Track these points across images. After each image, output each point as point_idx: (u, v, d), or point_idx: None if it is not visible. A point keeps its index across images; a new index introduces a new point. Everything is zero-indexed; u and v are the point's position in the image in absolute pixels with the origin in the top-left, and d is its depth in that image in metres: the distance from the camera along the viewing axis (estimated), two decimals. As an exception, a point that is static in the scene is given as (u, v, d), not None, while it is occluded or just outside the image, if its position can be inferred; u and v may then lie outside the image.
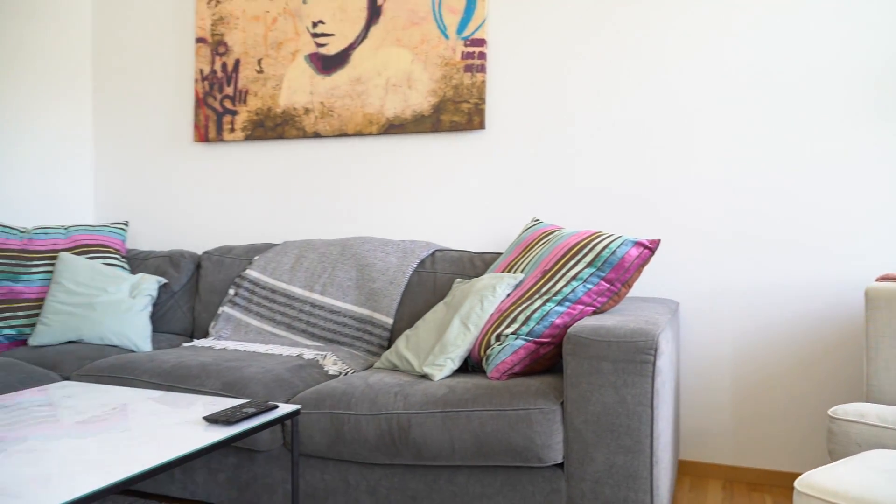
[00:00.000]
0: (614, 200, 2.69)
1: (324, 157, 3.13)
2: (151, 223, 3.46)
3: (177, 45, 3.40)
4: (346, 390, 2.05)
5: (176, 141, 3.41)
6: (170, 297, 3.02)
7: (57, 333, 2.67)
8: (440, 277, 2.66)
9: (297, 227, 3.19)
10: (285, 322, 2.77)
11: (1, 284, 2.74)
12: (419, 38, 2.94)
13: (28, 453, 1.40)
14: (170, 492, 2.24)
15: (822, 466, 1.61)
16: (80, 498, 1.17)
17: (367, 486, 2.02)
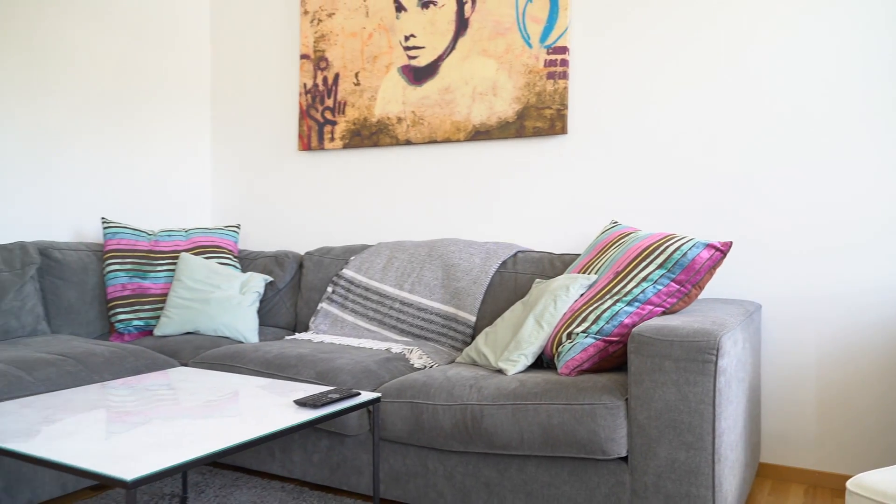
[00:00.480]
0: (695, 203, 2.71)
1: (415, 163, 3.32)
2: (260, 226, 3.78)
3: (283, 62, 3.69)
4: (426, 382, 2.21)
5: (282, 150, 3.70)
6: (275, 294, 3.30)
7: (177, 325, 2.99)
8: (521, 277, 2.77)
9: (390, 229, 3.39)
10: (377, 318, 2.97)
11: (132, 281, 3.10)
12: (504, 48, 3.06)
13: (148, 426, 1.64)
14: (271, 469, 2.48)
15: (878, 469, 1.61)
16: (184, 463, 1.39)
17: (445, 471, 2.17)
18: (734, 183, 2.64)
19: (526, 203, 3.05)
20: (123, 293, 3.06)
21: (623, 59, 2.84)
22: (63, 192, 3.25)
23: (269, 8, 3.72)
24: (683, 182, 2.73)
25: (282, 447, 2.45)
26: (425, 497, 2.20)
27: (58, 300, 2.95)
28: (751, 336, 2.24)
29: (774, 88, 2.57)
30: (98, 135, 3.39)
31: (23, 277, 2.79)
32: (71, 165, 3.27)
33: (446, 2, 3.19)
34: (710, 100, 2.68)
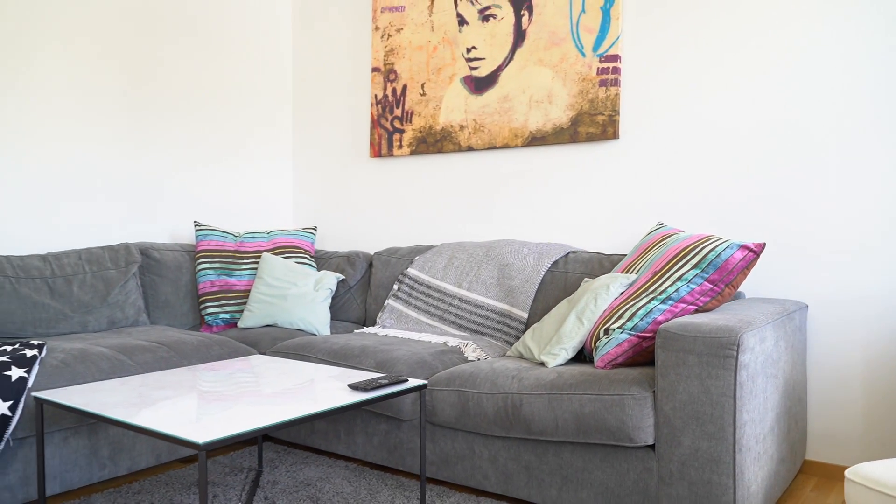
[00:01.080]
0: (741, 204, 2.77)
1: (475, 168, 3.51)
2: (335, 228, 4.07)
3: (356, 75, 3.96)
4: (472, 372, 2.40)
5: (355, 157, 3.97)
6: (347, 291, 3.56)
7: (258, 318, 3.30)
8: (570, 276, 2.91)
9: (452, 230, 3.60)
10: (437, 314, 3.18)
11: (219, 278, 3.44)
12: (559, 57, 3.20)
13: (224, 402, 1.91)
14: (337, 450, 2.74)
15: (877, 461, 1.68)
16: (246, 431, 1.63)
17: (489, 454, 2.35)
18: (781, 184, 2.69)
19: (578, 205, 3.19)
20: (212, 289, 3.40)
21: (671, 66, 2.93)
22: (161, 199, 3.63)
23: (344, 25, 4.00)
24: (730, 183, 2.80)
25: (346, 430, 2.70)
26: (472, 478, 2.39)
27: (156, 294, 3.32)
28: (789, 335, 2.31)
29: (823, 90, 2.60)
30: (190, 147, 3.76)
31: (126, 274, 3.17)
32: (167, 175, 3.66)
33: (505, 15, 3.37)
34: (756, 103, 2.73)
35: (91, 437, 2.40)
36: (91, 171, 3.35)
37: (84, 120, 3.32)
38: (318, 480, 2.52)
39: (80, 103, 3.30)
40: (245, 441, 2.98)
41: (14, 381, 2.16)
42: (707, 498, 1.93)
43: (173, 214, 3.69)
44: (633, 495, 2.08)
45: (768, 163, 2.72)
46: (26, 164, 3.12)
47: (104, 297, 3.05)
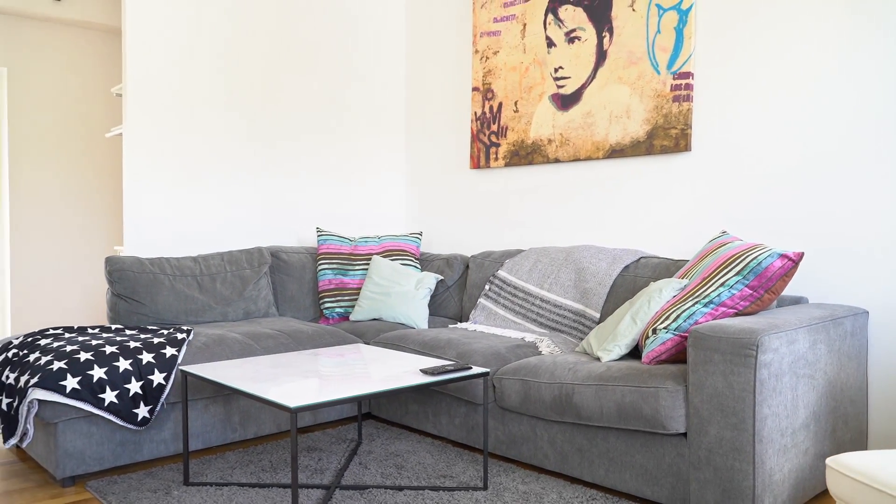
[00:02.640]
0: (804, 214, 2.89)
1: (561, 178, 3.80)
2: (438, 232, 4.50)
3: (458, 94, 4.36)
4: (536, 364, 2.72)
5: (457, 168, 4.38)
6: (445, 290, 3.98)
7: (366, 313, 3.79)
8: (639, 280, 3.15)
9: (540, 236, 3.91)
10: (522, 312, 3.52)
11: (336, 277, 3.97)
12: (636, 75, 3.43)
13: (322, 378, 2.37)
14: (425, 428, 3.15)
15: (858, 451, 1.84)
16: (327, 401, 2.08)
17: (548, 437, 2.67)
18: (843, 194, 2.78)
19: (652, 213, 3.40)
20: (330, 287, 3.94)
21: (739, 81, 3.08)
22: (288, 208, 4.23)
23: (449, 49, 4.42)
24: (793, 192, 2.92)
25: (433, 411, 3.11)
26: (534, 457, 2.72)
27: (283, 290, 3.90)
28: (832, 339, 2.44)
29: (882, 97, 2.68)
30: (315, 162, 4.33)
31: (259, 274, 3.76)
32: (295, 188, 4.25)
33: (588, 37, 3.63)
34: (820, 115, 2.84)
35: (226, 405, 2.97)
36: (231, 187, 4.00)
37: (226, 147, 3.97)
38: (405, 452, 2.95)
39: (224, 132, 3.95)
40: (350, 417, 3.48)
41: (167, 357, 2.76)
42: (730, 482, 2.15)
43: (299, 222, 4.28)
44: (667, 477, 2.33)
45: (831, 172, 2.82)
46: (184, 191, 3.80)
47: (241, 293, 3.66)
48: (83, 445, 2.61)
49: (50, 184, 5.11)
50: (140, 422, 2.65)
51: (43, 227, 5.09)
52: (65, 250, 5.19)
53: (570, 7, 3.71)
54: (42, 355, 2.64)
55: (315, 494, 2.49)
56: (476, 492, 2.52)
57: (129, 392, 2.63)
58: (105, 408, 2.57)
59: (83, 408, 2.54)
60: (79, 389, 2.52)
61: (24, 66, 4.98)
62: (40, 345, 2.77)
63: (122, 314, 3.34)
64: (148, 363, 2.70)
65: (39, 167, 5.06)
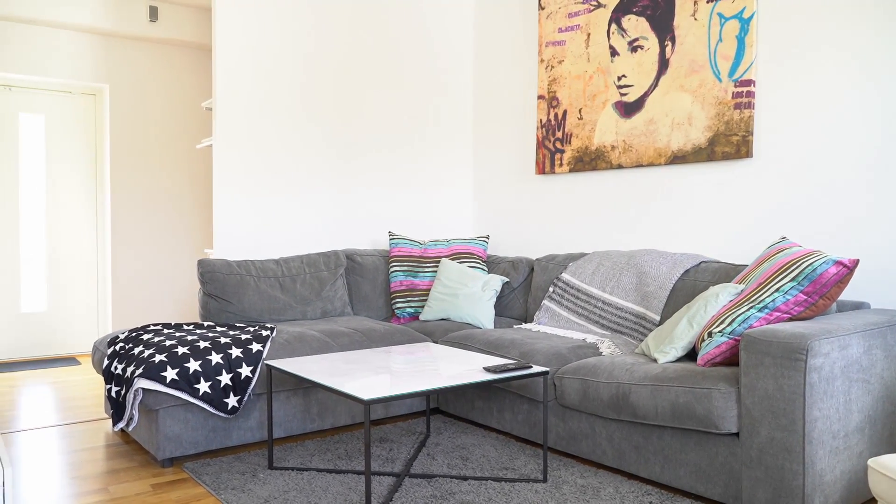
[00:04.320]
0: (865, 220, 2.90)
1: (624, 184, 3.90)
2: (505, 236, 4.65)
3: (524, 102, 4.51)
4: (595, 364, 2.85)
5: (523, 174, 4.53)
6: (511, 292, 4.14)
7: (435, 313, 3.99)
8: (699, 284, 3.23)
9: (603, 240, 4.02)
10: (584, 314, 3.64)
11: (407, 279, 4.18)
12: (698, 83, 3.50)
13: (392, 374, 2.58)
14: (490, 423, 3.32)
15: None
16: (394, 395, 2.27)
17: (607, 434, 2.79)
18: (907, 201, 2.79)
19: (713, 218, 3.46)
20: (401, 288, 4.16)
21: (802, 90, 3.12)
22: (363, 213, 4.47)
23: (515, 59, 4.57)
24: (855, 199, 2.94)
25: (498, 407, 3.28)
26: (593, 453, 2.85)
27: (358, 291, 4.14)
28: (889, 344, 2.47)
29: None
30: (388, 169, 4.56)
31: (336, 275, 4.02)
32: (369, 194, 4.49)
33: (651, 45, 3.72)
34: (883, 121, 2.85)
35: (305, 397, 3.22)
36: (310, 193, 4.27)
37: (306, 156, 4.24)
38: (471, 446, 3.12)
39: (304, 143, 4.23)
40: (420, 411, 3.68)
41: (254, 352, 3.02)
42: (780, 481, 2.23)
43: (372, 226, 4.52)
44: (720, 475, 2.42)
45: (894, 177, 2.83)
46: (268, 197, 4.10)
47: (319, 293, 3.92)
48: (180, 430, 2.91)
49: (146, 192, 5.54)
50: (230, 410, 2.93)
51: (140, 231, 5.52)
52: (159, 253, 5.61)
53: (633, 17, 3.81)
54: (145, 349, 2.94)
55: (386, 481, 2.69)
56: (536, 484, 2.67)
57: (220, 383, 2.90)
58: (200, 397, 2.86)
59: (181, 396, 2.83)
60: (177, 380, 2.81)
61: (124, 83, 5.41)
62: (143, 339, 3.08)
63: (213, 312, 3.65)
64: (237, 357, 2.97)
65: (137, 176, 5.49)
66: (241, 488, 2.63)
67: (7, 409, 3.82)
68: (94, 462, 2.97)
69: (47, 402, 3.99)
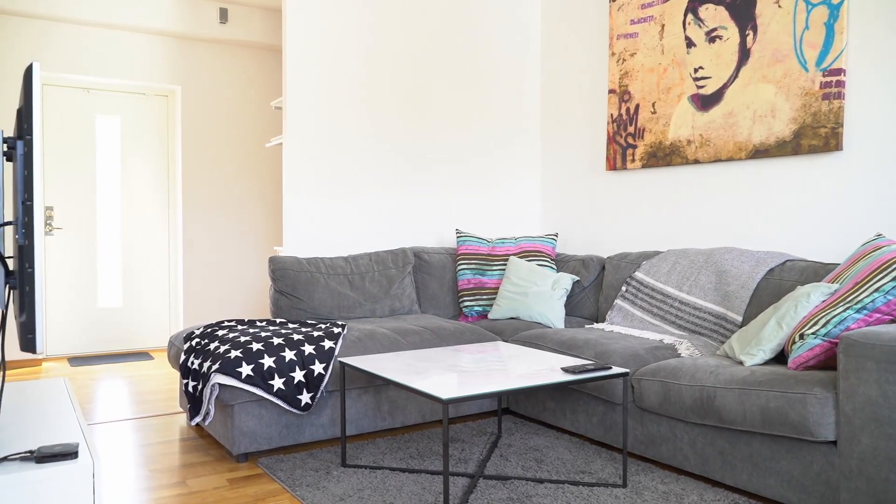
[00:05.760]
0: (975, 215, 2.71)
1: (701, 180, 3.76)
2: (574, 234, 4.56)
3: (594, 97, 4.41)
4: (676, 366, 2.75)
5: (593, 170, 4.43)
6: (581, 291, 4.04)
7: (504, 312, 3.93)
8: (784, 284, 3.08)
9: (678, 238, 3.89)
10: (659, 314, 3.52)
11: (475, 277, 4.14)
12: (782, 73, 3.34)
13: (467, 373, 2.53)
14: (563, 425, 3.24)
15: None
16: (473, 395, 2.22)
17: (689, 439, 2.69)
18: None
19: (799, 215, 3.30)
20: (468, 286, 4.11)
21: (900, 77, 2.94)
22: (430, 211, 4.44)
23: (584, 53, 4.47)
24: (963, 195, 2.75)
25: (571, 409, 3.20)
26: (674, 458, 2.75)
27: (426, 289, 4.12)
28: None
29: None
30: (454, 166, 4.52)
31: (404, 273, 4.00)
32: (435, 191, 4.46)
33: (730, 35, 3.58)
34: None
35: (376, 395, 3.21)
36: (377, 190, 4.27)
37: (373, 154, 4.24)
38: (544, 447, 3.05)
39: (372, 140, 4.23)
40: (490, 411, 3.63)
41: (326, 349, 3.02)
42: (885, 493, 2.09)
43: (440, 224, 4.49)
44: (816, 486, 2.29)
45: None
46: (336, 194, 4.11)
47: (387, 291, 3.91)
48: (255, 426, 2.93)
49: (216, 190, 5.64)
50: (303, 407, 2.93)
51: (210, 229, 5.63)
52: (229, 251, 5.71)
53: (710, 6, 3.67)
54: (220, 344, 2.98)
55: (460, 482, 2.65)
56: (615, 489, 2.59)
57: (293, 380, 2.91)
58: (274, 393, 2.87)
59: (256, 392, 2.85)
60: (252, 376, 2.83)
61: (195, 85, 5.52)
62: (218, 335, 3.12)
63: (284, 309, 3.67)
64: (309, 354, 2.98)
65: (207, 175, 5.60)
66: (316, 485, 2.62)
67: (86, 402, 3.93)
68: (170, 455, 3.02)
69: (123, 395, 4.09)
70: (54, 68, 5.04)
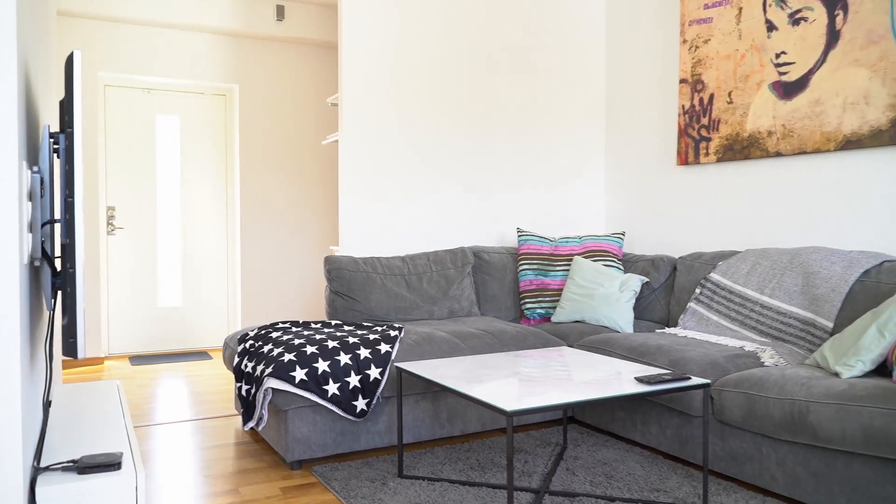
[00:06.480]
0: None
1: (783, 174, 3.48)
2: (642, 232, 4.32)
3: (663, 87, 4.16)
4: (762, 377, 2.51)
5: (662, 165, 4.18)
6: (650, 293, 3.81)
7: (568, 314, 3.73)
8: (883, 287, 2.79)
9: (757, 237, 3.62)
10: (738, 319, 3.27)
11: (537, 278, 3.95)
12: (877, 56, 3.05)
13: (533, 382, 2.36)
14: (633, 437, 3.03)
15: None
16: (541, 406, 2.05)
17: (777, 457, 2.44)
18: None
19: (899, 212, 3.01)
20: (530, 287, 3.92)
21: None
22: (490, 210, 4.28)
23: (653, 41, 4.23)
24: None
25: (642, 420, 2.98)
26: (759, 478, 2.51)
27: (485, 290, 3.95)
28: None
29: None
30: (515, 163, 4.34)
31: (463, 273, 3.84)
32: (495, 188, 4.29)
33: (817, 17, 3.29)
34: None
35: (434, 402, 3.06)
36: (435, 188, 4.12)
37: (431, 151, 4.10)
38: (613, 461, 2.85)
39: (429, 138, 4.08)
40: (554, 420, 3.44)
41: (382, 353, 2.89)
42: None
43: (500, 222, 4.31)
44: (929, 515, 2.03)
45: None
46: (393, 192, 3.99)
47: (445, 292, 3.76)
48: (309, 432, 2.81)
49: (273, 189, 5.60)
50: (358, 413, 2.80)
51: (267, 228, 5.59)
52: (286, 250, 5.66)
53: (795, -15, 3.39)
54: (274, 347, 2.88)
55: (525, 497, 2.48)
56: (694, 510, 2.37)
57: (349, 385, 2.79)
58: (329, 399, 2.75)
59: (310, 398, 2.73)
60: (306, 380, 2.71)
61: (252, 83, 5.49)
62: (272, 337, 3.02)
63: (339, 310, 3.56)
64: (365, 358, 2.85)
65: (264, 174, 5.56)
66: (372, 497, 2.49)
67: (146, 402, 3.91)
68: (224, 461, 2.94)
69: (181, 395, 4.06)
70: (116, 69, 5.07)
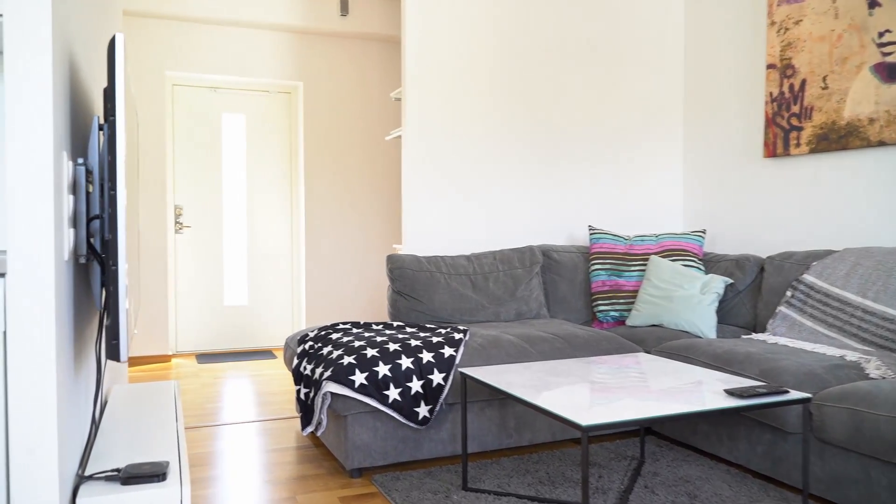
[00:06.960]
0: None
1: (887, 164, 3.15)
2: (725, 230, 4.02)
3: (749, 73, 3.86)
4: (870, 391, 2.23)
5: (747, 157, 3.88)
6: (735, 295, 3.53)
7: (645, 318, 3.49)
8: None
9: (857, 235, 3.29)
10: (836, 325, 2.97)
11: (610, 279, 3.72)
12: None
13: (609, 393, 2.15)
14: (718, 453, 2.78)
15: None
16: (622, 421, 1.85)
17: (889, 483, 2.17)
18: None
19: None
20: (603, 288, 3.70)
21: None
22: (560, 207, 4.07)
23: (736, 24, 3.93)
24: None
25: (729, 434, 2.73)
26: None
27: (554, 291, 3.75)
28: None
29: None
30: (586, 158, 4.12)
31: (531, 273, 3.65)
32: (566, 185, 4.08)
33: (929, -11, 2.96)
34: None
35: (501, 410, 2.88)
36: (502, 185, 3.94)
37: (498, 146, 3.92)
38: (697, 479, 2.61)
39: (496, 132, 3.91)
40: (629, 431, 3.21)
41: (446, 357, 2.73)
42: None
43: (571, 220, 4.10)
44: None
45: None
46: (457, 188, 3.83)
47: (513, 293, 3.57)
48: (369, 439, 2.68)
49: (338, 186, 5.53)
50: (420, 421, 2.66)
51: (332, 226, 5.52)
52: (350, 248, 5.58)
53: (902, -44, 3.06)
54: (333, 349, 2.76)
55: (599, 518, 2.28)
56: (793, 539, 2.12)
57: (410, 390, 2.64)
58: (389, 404, 2.61)
59: (369, 403, 2.60)
60: (366, 385, 2.58)
61: (316, 79, 5.43)
62: (332, 339, 2.91)
63: (402, 311, 3.43)
64: (428, 362, 2.70)
65: (329, 171, 5.50)
66: (434, 512, 2.33)
67: (209, 401, 3.87)
68: (284, 465, 2.84)
69: (245, 395, 4.01)
70: (183, 68, 5.09)
